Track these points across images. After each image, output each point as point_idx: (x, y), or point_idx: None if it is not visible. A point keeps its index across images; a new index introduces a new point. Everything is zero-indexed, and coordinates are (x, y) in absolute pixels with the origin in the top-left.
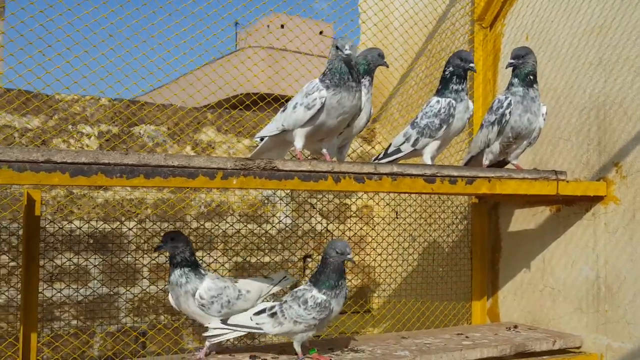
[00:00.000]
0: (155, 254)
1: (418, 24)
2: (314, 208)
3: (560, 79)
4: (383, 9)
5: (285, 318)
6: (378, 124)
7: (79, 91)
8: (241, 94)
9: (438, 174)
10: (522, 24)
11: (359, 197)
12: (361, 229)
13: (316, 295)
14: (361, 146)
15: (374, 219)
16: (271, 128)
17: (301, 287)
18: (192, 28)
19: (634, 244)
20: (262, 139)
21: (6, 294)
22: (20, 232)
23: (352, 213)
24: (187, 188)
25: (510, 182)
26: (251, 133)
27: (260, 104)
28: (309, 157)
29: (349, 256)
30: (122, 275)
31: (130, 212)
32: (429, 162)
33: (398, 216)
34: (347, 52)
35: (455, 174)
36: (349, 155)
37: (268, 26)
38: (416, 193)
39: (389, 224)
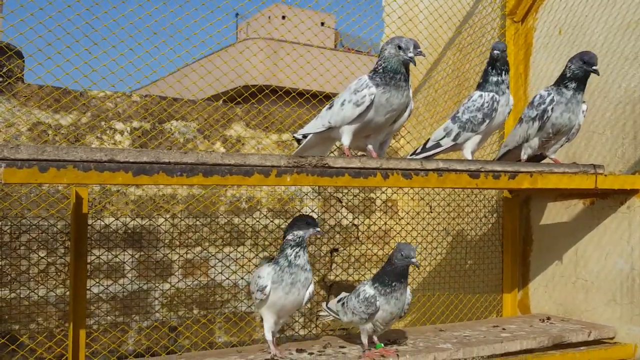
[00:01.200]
0: (189, 250)
1: (444, 17)
2: (340, 202)
3: (594, 74)
4: (408, 1)
5: (348, 308)
6: None
7: (107, 87)
8: (239, 86)
9: (482, 169)
10: (554, 18)
11: (383, 192)
12: (385, 223)
13: (367, 290)
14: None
15: (399, 212)
16: (317, 125)
17: (364, 281)
18: (193, 19)
19: None
20: (304, 136)
21: (55, 291)
22: (63, 230)
23: (377, 207)
24: (242, 185)
25: (551, 177)
26: (277, 128)
27: (259, 95)
28: (357, 154)
29: (413, 260)
30: (154, 271)
31: (162, 208)
32: (470, 157)
33: (432, 210)
34: (411, 54)
35: (499, 169)
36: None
37: (269, 17)
38: (461, 188)
39: (415, 217)
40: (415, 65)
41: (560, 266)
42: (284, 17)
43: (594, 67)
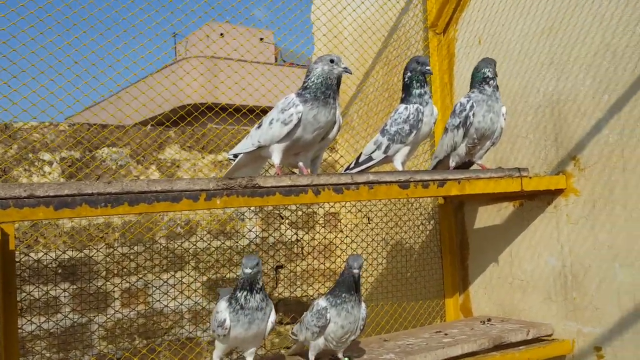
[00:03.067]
0: (130, 277)
1: (369, 31)
2: (281, 218)
3: (515, 79)
4: (332, 19)
5: (303, 325)
6: (339, 133)
7: (30, 119)
8: (175, 107)
9: (412, 180)
10: (474, 28)
11: (322, 206)
12: (324, 237)
13: (320, 302)
14: (324, 155)
15: (341, 224)
16: (246, 144)
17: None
18: (124, 41)
19: (595, 232)
20: (235, 156)
21: None
22: None
23: (318, 221)
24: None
25: (478, 182)
26: (214, 148)
27: (195, 113)
28: (289, 172)
29: (354, 270)
30: (93, 303)
31: (97, 237)
32: (400, 168)
33: (370, 221)
34: (344, 65)
35: (427, 178)
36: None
37: (208, 36)
38: (392, 199)
39: (354, 229)
40: (351, 73)
41: (496, 267)
42: (222, 35)
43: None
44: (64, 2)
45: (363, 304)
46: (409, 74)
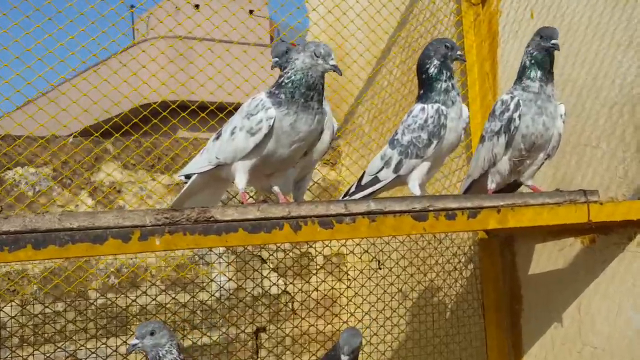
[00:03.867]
0: (48, 348)
1: (383, 10)
2: (265, 264)
3: (581, 68)
4: None
5: None
6: (343, 141)
7: None
8: (140, 106)
9: (431, 208)
10: None
11: (327, 245)
12: (332, 287)
13: None
14: (321, 173)
15: (349, 272)
16: (201, 162)
17: None
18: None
19: None
20: (188, 178)
21: None
22: None
23: (318, 266)
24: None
25: (526, 211)
26: (168, 163)
27: (164, 113)
28: (258, 200)
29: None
30: None
31: (8, 290)
32: (417, 192)
33: (381, 266)
34: (333, 62)
35: (454, 205)
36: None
37: (178, 9)
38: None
39: (369, 278)
40: (340, 75)
41: (560, 330)
42: (197, 7)
43: (552, 42)
44: None
45: None
46: (432, 61)
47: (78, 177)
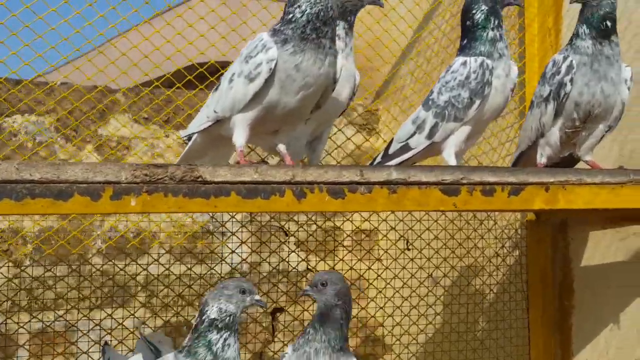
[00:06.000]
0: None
1: None
2: (285, 234)
3: None
4: None
5: None
6: (382, 103)
7: None
8: (170, 73)
9: (464, 180)
10: None
11: (352, 216)
12: (351, 268)
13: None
14: (353, 143)
15: (378, 247)
16: (200, 118)
17: None
18: None
19: None
20: (189, 138)
21: None
22: None
23: (345, 239)
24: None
25: (580, 191)
26: (183, 120)
27: (212, 79)
28: (260, 160)
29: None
30: None
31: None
32: (454, 162)
33: (410, 246)
34: None
35: (493, 179)
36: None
37: None
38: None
39: (395, 259)
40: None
41: (617, 332)
42: None
43: None
44: None
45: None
46: (480, 5)
47: (83, 130)
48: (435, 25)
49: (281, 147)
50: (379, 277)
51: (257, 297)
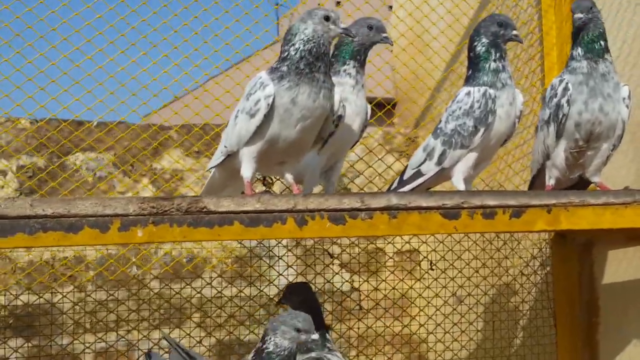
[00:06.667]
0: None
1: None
2: (330, 257)
3: None
4: None
5: None
6: (420, 131)
7: None
8: None
9: (465, 204)
10: None
11: (394, 239)
12: (393, 288)
13: None
14: (393, 167)
15: (432, 268)
16: (217, 154)
17: None
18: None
19: None
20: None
21: None
22: None
23: (389, 260)
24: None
25: (583, 212)
26: None
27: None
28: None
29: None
30: None
31: (64, 275)
32: (462, 187)
33: (433, 267)
34: (343, 25)
35: (493, 202)
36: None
37: (319, 4)
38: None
39: (436, 279)
40: (352, 37)
41: None
42: (338, 3)
43: (575, 15)
44: None
45: None
46: (484, 40)
47: (139, 165)
48: (465, 56)
49: (289, 177)
50: (420, 296)
51: (313, 336)
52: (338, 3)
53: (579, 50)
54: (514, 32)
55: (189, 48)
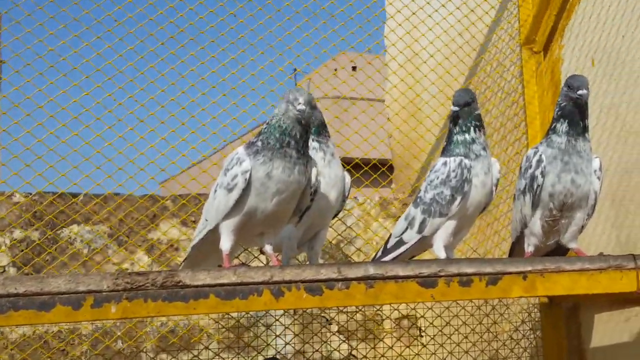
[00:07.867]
0: None
1: (453, 56)
2: (328, 325)
3: None
4: (411, 44)
5: None
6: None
7: None
8: None
9: (441, 273)
10: (585, 43)
11: (396, 308)
12: (400, 355)
13: None
14: (383, 226)
15: (420, 335)
16: (199, 226)
17: None
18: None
19: None
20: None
21: None
22: None
23: (390, 327)
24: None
25: (559, 278)
26: None
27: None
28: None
29: None
30: None
31: (56, 349)
32: (442, 255)
33: (422, 333)
34: (301, 106)
35: (470, 270)
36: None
37: (335, 70)
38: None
39: (430, 343)
40: (303, 117)
41: None
42: (354, 69)
43: (579, 92)
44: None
45: None
46: (453, 113)
47: (134, 235)
48: None
49: (267, 248)
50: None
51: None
52: (354, 68)
53: (565, 126)
54: (477, 109)
55: (207, 116)
